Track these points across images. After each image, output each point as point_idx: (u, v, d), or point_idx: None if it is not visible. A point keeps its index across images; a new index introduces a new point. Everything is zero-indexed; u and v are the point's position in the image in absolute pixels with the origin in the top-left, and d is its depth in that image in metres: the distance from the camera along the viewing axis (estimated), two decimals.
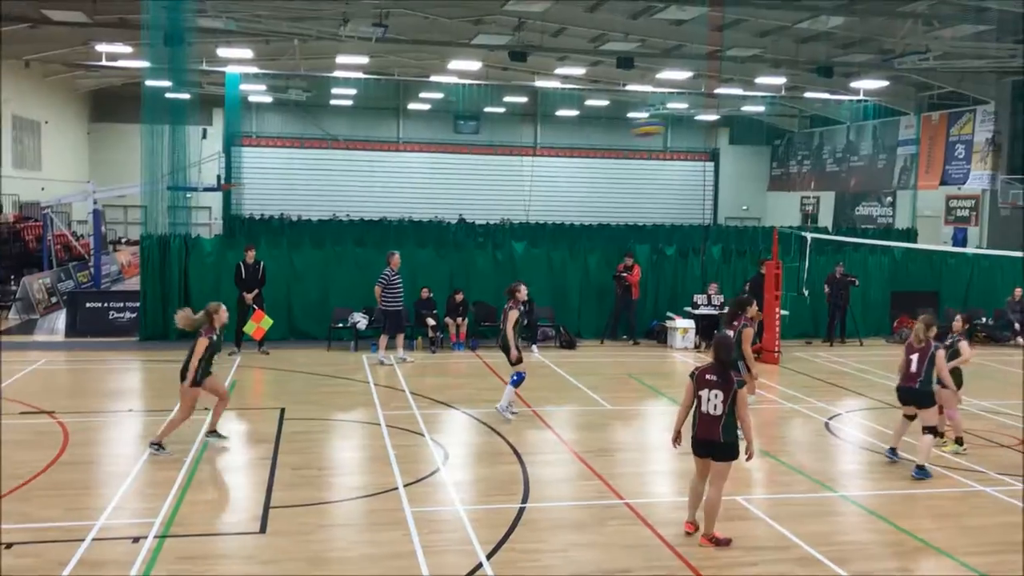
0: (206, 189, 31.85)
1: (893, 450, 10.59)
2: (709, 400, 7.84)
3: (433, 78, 39.49)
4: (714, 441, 7.83)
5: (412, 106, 47.93)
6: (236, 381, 14.63)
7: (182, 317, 10.58)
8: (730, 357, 8.05)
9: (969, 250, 28.54)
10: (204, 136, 38.36)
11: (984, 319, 20.32)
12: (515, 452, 10.64)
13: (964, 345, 10.65)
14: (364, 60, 32.84)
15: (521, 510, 8.69)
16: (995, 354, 18.47)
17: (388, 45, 31.24)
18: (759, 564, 7.53)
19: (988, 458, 10.75)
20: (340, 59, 32.11)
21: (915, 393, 10.20)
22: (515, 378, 12.08)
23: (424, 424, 11.89)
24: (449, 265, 19.26)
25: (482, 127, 50.22)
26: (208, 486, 9.41)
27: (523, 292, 12.46)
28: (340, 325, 18.00)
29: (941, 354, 10.16)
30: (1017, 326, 20.16)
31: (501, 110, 48.61)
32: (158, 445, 10.24)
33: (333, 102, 45.92)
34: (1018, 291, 20.34)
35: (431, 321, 17.80)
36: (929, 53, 30.31)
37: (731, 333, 11.15)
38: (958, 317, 11.49)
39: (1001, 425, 12.39)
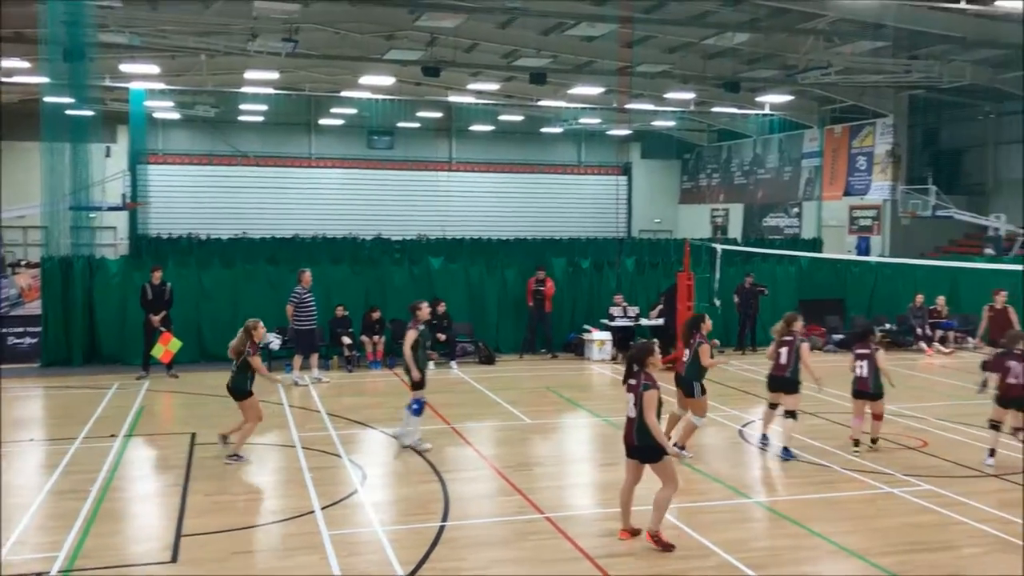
0: (110, 208, 30.92)
1: (786, 450, 11.23)
2: (628, 404, 8.14)
3: (345, 93, 39.15)
4: (632, 444, 8.10)
5: (324, 121, 47.43)
6: (144, 407, 14.15)
7: (232, 348, 11.18)
8: (641, 361, 8.15)
9: (872, 258, 29.58)
10: (108, 154, 37.17)
11: (888, 325, 21.02)
12: (434, 470, 10.54)
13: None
14: (274, 75, 32.38)
15: (441, 528, 8.60)
16: (899, 359, 19.09)
17: (298, 60, 30.87)
18: (678, 574, 7.59)
19: (896, 460, 11.09)
20: (249, 74, 31.59)
21: (783, 381, 11.40)
22: (415, 407, 11.33)
23: (341, 445, 11.70)
24: (364, 282, 19.04)
25: (396, 142, 50.00)
26: (116, 517, 9.04)
27: (424, 310, 11.74)
28: None
29: (806, 347, 11.33)
30: (919, 331, 20.90)
31: (415, 125, 48.47)
32: (236, 455, 10.89)
33: (242, 118, 45.11)
34: (919, 297, 21.09)
35: (347, 340, 17.55)
36: (830, 68, 31.39)
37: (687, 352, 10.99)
38: (873, 333, 12.18)
39: (907, 428, 12.80)
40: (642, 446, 8.00)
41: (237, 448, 10.94)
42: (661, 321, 18.99)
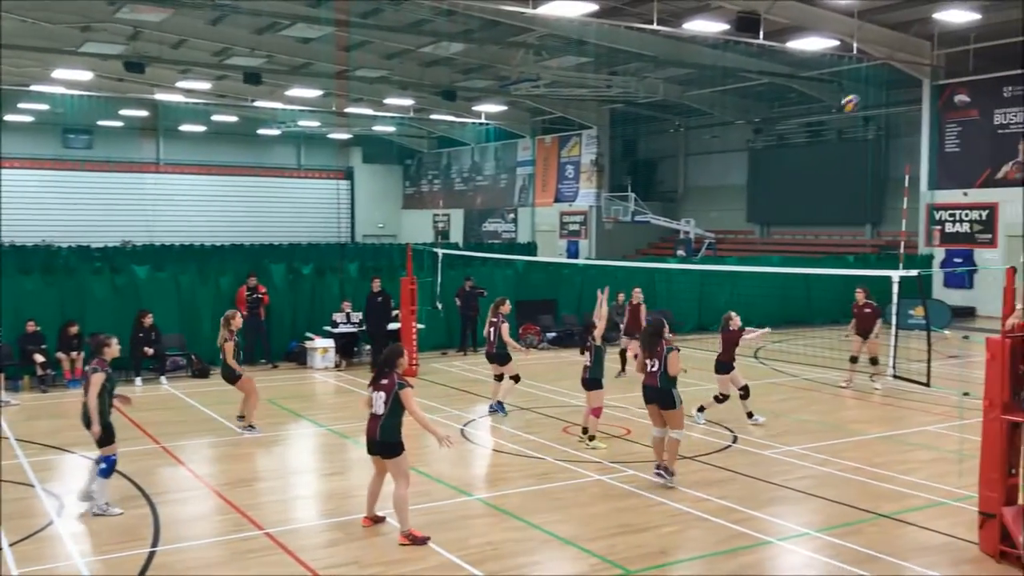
0: None
1: (499, 404, 13.78)
2: (374, 401, 8.33)
3: (35, 87, 35.75)
4: (374, 439, 8.31)
5: (10, 118, 43.00)
6: None
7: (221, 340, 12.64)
8: (393, 362, 8.37)
9: (580, 261, 31.48)
10: None
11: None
12: (143, 494, 9.86)
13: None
14: None
15: (151, 555, 8.07)
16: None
17: None
18: None
19: (601, 449, 11.82)
20: None
21: (495, 356, 13.94)
22: (103, 466, 9.33)
23: (34, 473, 10.64)
24: (60, 294, 17.41)
25: (96, 142, 46.46)
26: None
27: (114, 347, 9.58)
28: None
29: (504, 327, 13.76)
30: (621, 327, 22.42)
31: (118, 124, 45.26)
32: (250, 426, 12.73)
33: None
34: (620, 296, 22.64)
35: (39, 357, 15.98)
36: (540, 81, 33.06)
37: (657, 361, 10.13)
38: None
39: (611, 418, 13.69)
40: (383, 442, 8.29)
41: (250, 420, 12.73)
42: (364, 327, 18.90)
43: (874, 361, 16.26)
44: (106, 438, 9.34)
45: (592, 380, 12.06)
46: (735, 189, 39.97)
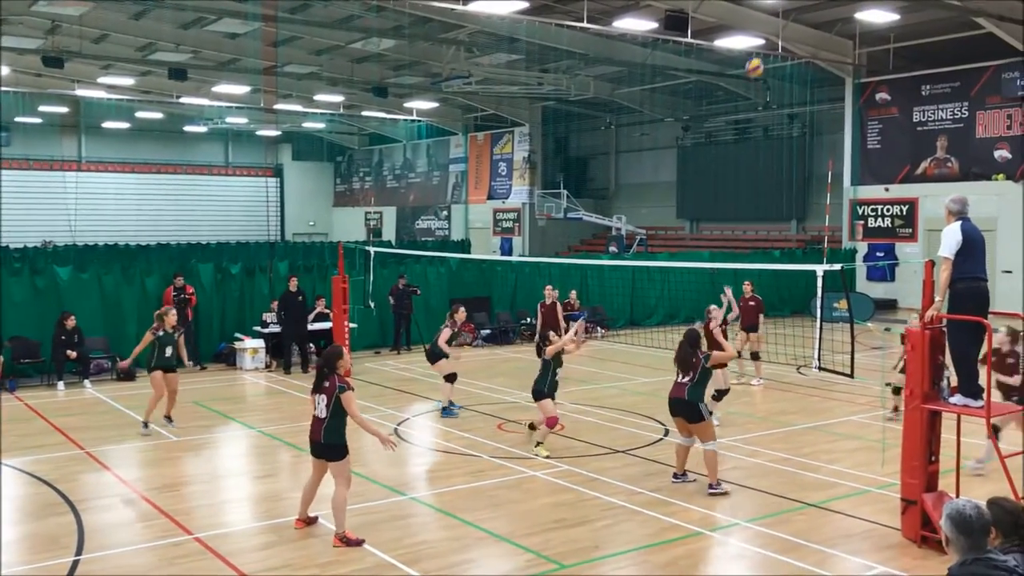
0: None
1: (446, 408, 13.68)
2: (317, 404, 8.33)
3: None
4: (317, 442, 8.29)
5: None
6: None
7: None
8: (332, 365, 8.37)
9: (514, 258, 31.58)
10: None
11: (529, 319, 22.49)
12: (67, 501, 9.57)
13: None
14: None
15: (75, 563, 7.85)
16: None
17: None
18: None
19: (543, 456, 11.84)
20: None
21: (428, 353, 14.07)
22: None
23: None
24: None
25: (14, 139, 44.92)
26: None
27: None
28: None
29: (446, 332, 13.82)
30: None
31: (37, 120, 43.90)
32: (144, 423, 12.48)
33: None
34: (555, 293, 22.77)
35: None
36: (471, 78, 33.01)
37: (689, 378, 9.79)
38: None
39: None
40: (328, 444, 8.25)
41: (145, 417, 12.50)
42: (279, 328, 18.38)
43: (755, 356, 16.09)
44: None
45: (536, 391, 11.91)
46: (665, 186, 40.46)
